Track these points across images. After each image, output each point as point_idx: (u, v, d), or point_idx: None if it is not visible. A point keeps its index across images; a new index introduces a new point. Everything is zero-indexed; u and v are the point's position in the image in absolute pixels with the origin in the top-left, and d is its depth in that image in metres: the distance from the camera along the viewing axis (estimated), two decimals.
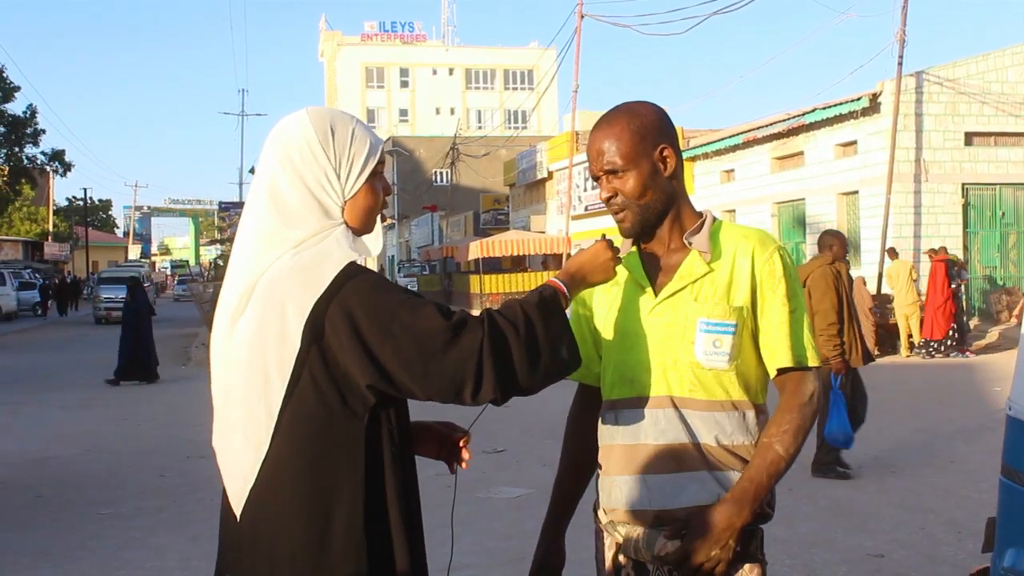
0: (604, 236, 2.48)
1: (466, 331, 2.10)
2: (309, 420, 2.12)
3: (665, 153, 2.46)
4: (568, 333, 2.25)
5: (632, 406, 2.45)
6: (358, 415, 2.13)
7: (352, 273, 2.13)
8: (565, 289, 2.31)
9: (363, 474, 2.13)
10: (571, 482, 2.71)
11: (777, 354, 2.41)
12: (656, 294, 2.46)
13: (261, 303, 2.14)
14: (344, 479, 2.13)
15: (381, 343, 2.08)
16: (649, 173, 2.44)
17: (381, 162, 2.33)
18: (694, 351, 2.39)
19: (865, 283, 20.19)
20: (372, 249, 2.30)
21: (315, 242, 2.18)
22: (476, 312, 2.29)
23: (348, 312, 2.09)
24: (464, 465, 2.48)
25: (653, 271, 2.50)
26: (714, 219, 2.52)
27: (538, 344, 2.16)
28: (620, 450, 2.47)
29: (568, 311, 2.33)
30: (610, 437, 2.51)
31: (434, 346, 2.08)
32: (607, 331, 2.54)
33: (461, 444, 2.48)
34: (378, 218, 2.36)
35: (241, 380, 2.17)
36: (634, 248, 2.56)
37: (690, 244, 2.46)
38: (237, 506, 2.19)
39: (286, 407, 2.12)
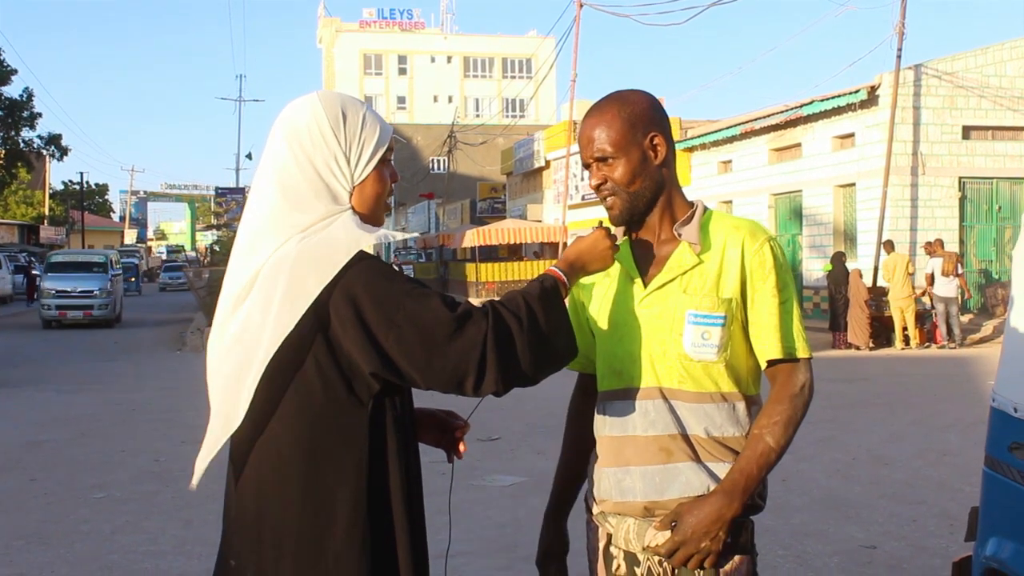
0: (601, 224, 2.48)
1: (470, 323, 2.10)
2: (314, 408, 2.13)
3: (656, 141, 2.45)
4: (567, 323, 2.25)
5: (621, 397, 2.45)
6: (363, 403, 2.14)
7: (357, 259, 2.13)
8: (565, 279, 2.32)
9: (367, 462, 2.15)
10: (572, 468, 2.72)
11: (767, 346, 2.41)
12: (645, 285, 2.45)
13: (266, 286, 2.15)
14: (348, 467, 2.14)
15: (385, 331, 2.08)
16: (639, 161, 2.43)
17: (390, 149, 2.33)
18: (682, 343, 2.39)
19: (861, 275, 20.24)
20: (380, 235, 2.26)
21: (322, 227, 2.18)
22: (474, 300, 2.30)
23: (352, 298, 2.09)
24: (460, 456, 2.50)
25: (643, 262, 2.50)
26: (705, 209, 2.52)
27: (540, 336, 2.17)
28: (609, 441, 2.47)
29: (566, 300, 2.33)
30: (600, 428, 2.51)
31: (438, 337, 2.08)
32: (599, 322, 2.54)
33: (458, 435, 2.49)
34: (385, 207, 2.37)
35: (233, 360, 2.18)
36: (625, 238, 2.55)
37: (680, 235, 2.45)
38: (195, 477, 2.24)
39: (288, 393, 2.13)
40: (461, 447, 2.50)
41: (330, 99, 2.28)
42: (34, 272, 43.02)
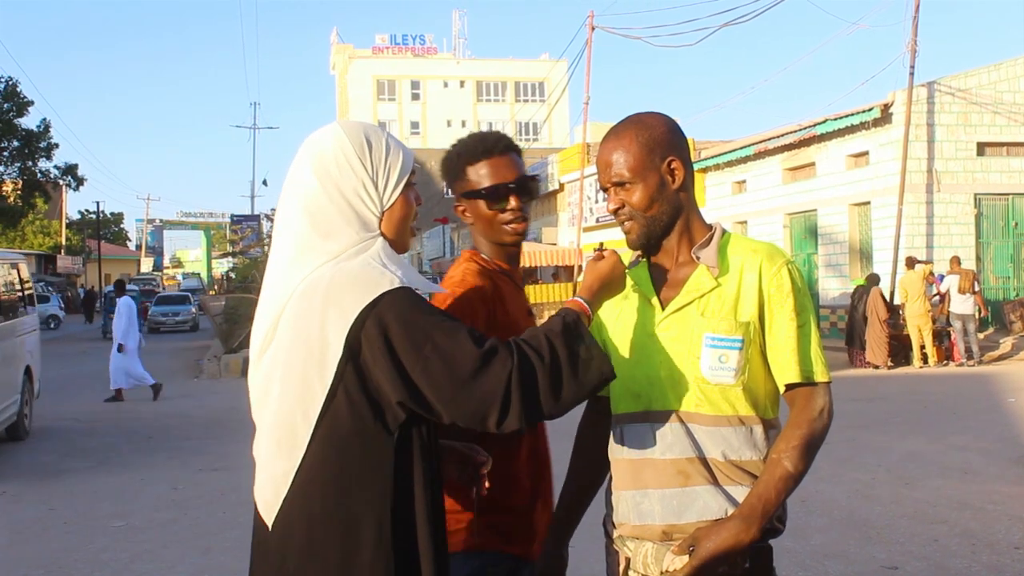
0: (602, 245, 2.49)
1: (496, 360, 2.11)
2: (342, 435, 2.13)
3: (673, 165, 2.45)
4: (597, 351, 2.24)
5: (639, 420, 2.45)
6: (390, 431, 2.15)
7: (391, 287, 2.14)
8: (588, 308, 2.33)
9: (392, 491, 2.15)
10: (578, 491, 2.71)
11: (785, 369, 2.40)
12: (663, 308, 2.45)
13: (301, 310, 2.16)
14: (374, 495, 2.14)
15: (413, 362, 2.09)
16: (656, 186, 2.44)
17: (413, 173, 2.36)
18: (700, 366, 2.38)
19: (882, 294, 20.13)
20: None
21: (355, 253, 2.20)
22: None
23: (384, 327, 2.10)
24: (484, 494, 2.50)
25: (661, 285, 2.50)
26: (724, 232, 2.52)
27: (562, 374, 2.17)
28: (627, 464, 2.46)
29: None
30: (618, 451, 2.51)
31: (464, 371, 2.09)
32: (616, 344, 2.54)
33: (483, 471, 2.49)
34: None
35: (278, 388, 2.18)
36: (643, 260, 2.55)
37: (698, 258, 2.45)
38: (268, 517, 2.21)
39: (322, 420, 2.13)
40: (485, 484, 2.51)
41: (353, 128, 2.31)
42: None
